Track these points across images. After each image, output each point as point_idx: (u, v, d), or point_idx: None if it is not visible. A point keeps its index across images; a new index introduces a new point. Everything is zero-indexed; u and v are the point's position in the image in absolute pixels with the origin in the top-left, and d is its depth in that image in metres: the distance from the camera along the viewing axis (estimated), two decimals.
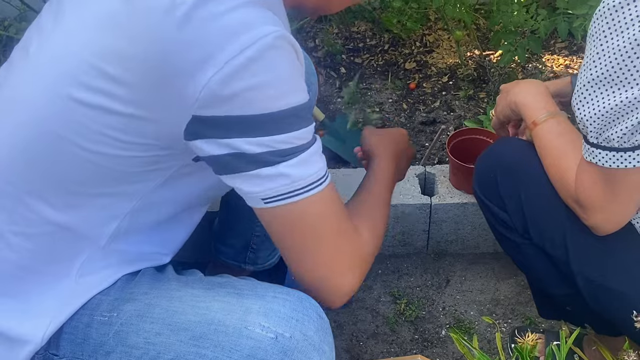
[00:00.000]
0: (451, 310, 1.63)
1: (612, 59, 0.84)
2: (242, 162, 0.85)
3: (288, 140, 0.84)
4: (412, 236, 1.71)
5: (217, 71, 0.78)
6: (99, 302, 0.96)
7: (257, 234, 1.47)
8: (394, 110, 2.05)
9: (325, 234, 0.92)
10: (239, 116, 0.82)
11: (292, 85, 0.85)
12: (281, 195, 0.87)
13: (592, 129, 0.91)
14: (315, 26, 2.35)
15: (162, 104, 0.83)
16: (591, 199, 0.99)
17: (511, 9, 1.89)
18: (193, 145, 0.86)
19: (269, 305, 0.92)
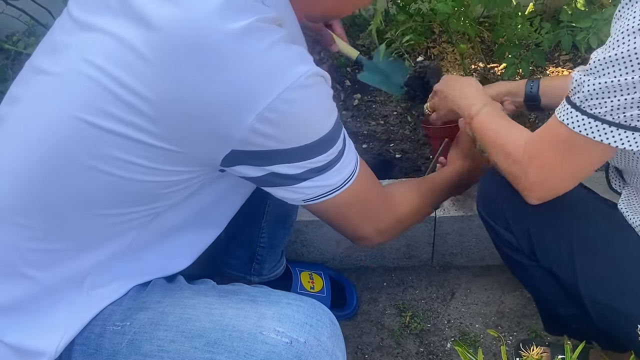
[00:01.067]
0: (456, 323, 1.63)
1: (632, 39, 0.82)
2: (281, 179, 0.92)
3: (323, 159, 0.92)
4: (417, 249, 1.71)
5: (256, 115, 0.82)
6: (111, 312, 0.97)
7: (262, 245, 1.47)
8: (399, 122, 2.05)
9: (359, 210, 1.05)
10: (278, 150, 0.87)
11: (325, 114, 0.90)
12: (319, 196, 0.97)
13: (586, 92, 0.89)
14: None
15: (197, 142, 0.86)
16: (539, 158, 1.00)
17: (515, 22, 1.89)
18: (231, 169, 0.91)
19: (283, 311, 0.94)
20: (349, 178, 0.98)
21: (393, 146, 1.97)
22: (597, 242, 1.09)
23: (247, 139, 0.84)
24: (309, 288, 1.63)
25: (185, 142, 0.85)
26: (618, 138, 0.88)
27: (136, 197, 0.92)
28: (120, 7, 0.85)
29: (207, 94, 0.81)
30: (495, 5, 1.83)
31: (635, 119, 0.86)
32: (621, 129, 0.87)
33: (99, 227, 0.94)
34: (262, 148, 0.86)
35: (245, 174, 0.92)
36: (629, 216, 1.09)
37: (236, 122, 0.82)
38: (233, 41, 0.80)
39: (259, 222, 1.43)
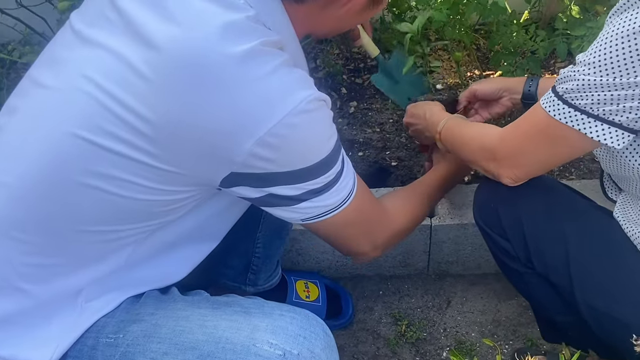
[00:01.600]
0: (452, 331, 1.62)
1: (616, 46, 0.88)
2: (279, 200, 0.93)
3: (321, 181, 0.93)
4: (413, 257, 1.71)
5: (257, 139, 0.82)
6: (104, 325, 0.97)
7: (257, 255, 1.47)
8: (395, 130, 2.05)
9: (356, 228, 1.06)
10: (277, 172, 0.88)
11: (325, 138, 0.91)
12: (317, 215, 0.98)
13: (570, 85, 0.94)
14: (316, 47, 2.36)
15: (196, 164, 0.86)
16: (514, 147, 1.06)
17: (510, 30, 1.90)
18: (230, 190, 0.91)
19: (276, 322, 0.94)
20: (346, 198, 0.99)
21: (389, 154, 1.97)
22: (593, 249, 1.09)
23: (246, 162, 0.85)
24: (304, 297, 1.63)
25: (184, 163, 0.85)
26: (594, 129, 0.94)
27: (133, 215, 0.92)
28: (122, 23, 0.84)
29: (207, 117, 0.81)
30: (490, 13, 1.83)
31: (614, 114, 0.92)
32: (598, 120, 0.93)
33: (95, 243, 0.93)
34: (262, 171, 0.87)
35: (244, 195, 0.92)
36: (625, 225, 1.09)
37: (236, 146, 0.83)
38: (235, 64, 0.80)
39: (254, 233, 1.43)
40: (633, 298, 1.04)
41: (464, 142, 1.21)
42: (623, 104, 0.90)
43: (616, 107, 0.91)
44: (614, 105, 0.91)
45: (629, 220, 1.08)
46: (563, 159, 1.08)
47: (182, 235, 1.02)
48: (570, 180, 1.83)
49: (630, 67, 0.87)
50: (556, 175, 1.88)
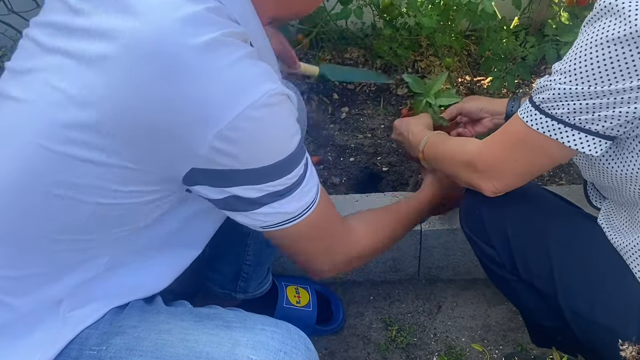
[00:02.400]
0: (442, 336, 1.63)
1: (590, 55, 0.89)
2: (240, 203, 0.90)
3: (283, 182, 0.90)
4: (403, 262, 1.71)
5: (217, 132, 0.79)
6: (88, 336, 0.96)
7: (248, 263, 1.46)
8: (386, 135, 2.06)
9: (317, 243, 1.03)
10: (238, 170, 0.85)
11: (288, 135, 0.88)
12: (278, 224, 0.94)
13: (546, 95, 0.95)
14: (308, 53, 2.37)
15: (158, 159, 0.84)
16: (493, 158, 1.07)
17: (500, 36, 1.91)
18: (192, 188, 0.89)
19: (257, 337, 0.94)
20: (308, 207, 0.96)
21: (380, 159, 1.97)
22: (576, 256, 1.10)
23: (206, 156, 0.82)
24: (295, 302, 1.63)
25: (146, 159, 0.84)
26: (572, 138, 0.95)
27: (103, 221, 0.90)
28: (82, 25, 0.82)
29: (165, 109, 0.79)
30: (480, 20, 1.84)
31: (590, 122, 0.93)
32: (575, 129, 0.95)
33: (69, 251, 0.93)
34: (222, 167, 0.84)
35: (206, 195, 0.90)
36: (608, 232, 1.09)
37: (196, 139, 0.80)
38: (195, 55, 0.77)
39: (244, 240, 1.42)
40: (616, 304, 1.05)
41: (445, 156, 1.23)
42: (599, 113, 0.91)
43: (592, 116, 0.92)
44: (590, 114, 0.92)
45: (613, 227, 1.09)
46: (542, 169, 1.08)
47: (159, 241, 1.01)
48: (560, 185, 1.84)
49: (604, 76, 0.88)
50: (546, 180, 1.89)
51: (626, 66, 0.86)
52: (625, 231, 1.06)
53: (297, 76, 1.52)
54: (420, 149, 1.33)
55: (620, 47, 0.86)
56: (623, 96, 0.88)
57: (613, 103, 0.90)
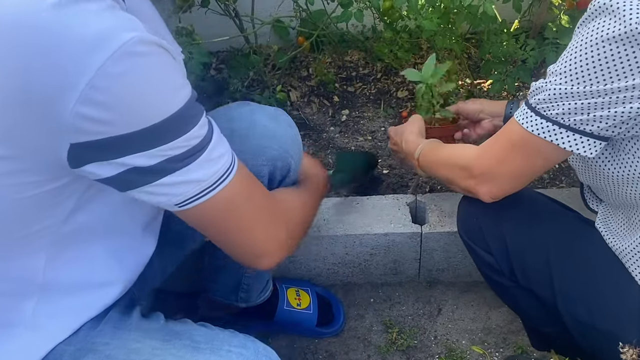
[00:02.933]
0: (443, 339, 1.63)
1: (586, 55, 0.90)
2: (140, 175, 0.80)
3: (181, 144, 0.80)
4: (404, 265, 1.71)
5: (79, 96, 0.71)
6: (62, 353, 0.95)
7: (248, 275, 1.46)
8: (386, 138, 2.06)
9: (245, 218, 0.93)
10: (120, 135, 0.75)
11: (170, 88, 0.79)
12: (192, 197, 0.85)
13: (542, 96, 0.96)
14: (309, 56, 2.38)
15: (29, 139, 0.75)
16: (490, 162, 1.08)
17: (501, 39, 1.91)
18: (83, 171, 0.79)
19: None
20: (224, 175, 0.87)
21: (381, 162, 1.97)
22: (575, 260, 1.10)
23: (76, 126, 0.72)
24: (295, 305, 1.63)
25: (18, 143, 0.75)
26: (566, 140, 0.96)
27: (22, 216, 0.85)
28: None
29: (17, 77, 0.70)
30: (480, 23, 1.84)
31: (584, 123, 0.93)
32: (570, 131, 0.95)
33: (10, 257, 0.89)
34: (100, 136, 0.74)
35: (99, 175, 0.80)
36: (606, 236, 1.10)
37: (57, 108, 0.71)
38: (45, 16, 0.70)
39: None
40: (615, 308, 1.05)
41: (441, 163, 1.23)
42: (593, 114, 0.92)
43: (586, 117, 0.92)
44: (585, 114, 0.92)
45: (610, 231, 1.09)
46: (538, 171, 1.09)
47: (94, 231, 0.95)
48: (560, 188, 1.84)
49: (600, 75, 0.89)
50: (547, 183, 1.89)
51: (621, 65, 0.87)
52: (623, 234, 1.07)
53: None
54: (416, 157, 1.33)
55: (615, 47, 0.86)
56: (618, 95, 0.88)
57: (608, 103, 0.90)
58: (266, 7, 2.20)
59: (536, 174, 1.10)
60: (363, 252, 1.67)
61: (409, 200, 1.71)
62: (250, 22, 2.09)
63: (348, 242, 1.64)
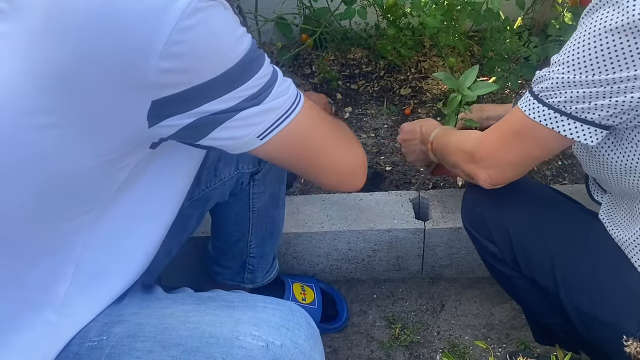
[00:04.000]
0: (446, 335, 1.63)
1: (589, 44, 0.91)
2: (217, 116, 0.85)
3: (253, 84, 0.86)
4: (407, 261, 1.72)
5: (160, 52, 0.76)
6: (88, 330, 0.96)
7: (252, 255, 1.48)
8: (389, 135, 2.07)
9: (325, 138, 0.98)
10: (198, 85, 0.81)
11: (235, 36, 0.84)
12: (272, 125, 0.89)
13: (545, 84, 0.97)
14: (312, 53, 2.38)
15: (113, 103, 0.80)
16: (491, 147, 1.09)
17: (504, 36, 1.92)
18: (160, 127, 0.84)
19: (259, 315, 0.94)
20: (296, 100, 0.92)
21: (384, 159, 1.98)
22: (577, 251, 1.11)
23: (159, 81, 0.79)
24: (300, 299, 1.63)
25: (103, 108, 0.80)
26: (567, 127, 0.97)
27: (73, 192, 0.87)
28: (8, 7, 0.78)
29: (101, 52, 0.76)
30: (483, 20, 1.85)
31: (586, 112, 0.94)
32: (571, 119, 0.96)
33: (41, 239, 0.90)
34: (182, 88, 0.81)
35: (177, 127, 0.85)
36: (609, 227, 1.10)
37: (141, 67, 0.77)
38: None
39: (245, 236, 1.44)
40: (618, 300, 1.06)
41: (448, 147, 1.24)
42: (595, 102, 0.93)
43: (587, 105, 0.94)
44: (586, 103, 0.93)
45: (614, 222, 1.10)
46: (537, 159, 1.09)
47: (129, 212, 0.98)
48: (563, 185, 1.84)
49: (602, 65, 0.90)
50: (549, 180, 1.90)
51: (623, 56, 0.88)
52: (625, 225, 1.07)
53: None
54: (430, 140, 1.34)
55: (618, 37, 0.87)
56: (620, 85, 0.89)
57: (610, 92, 0.91)
58: (270, 4, 2.21)
59: (536, 161, 1.11)
60: (366, 248, 1.68)
61: (412, 197, 1.71)
62: (253, 19, 2.09)
63: (351, 238, 1.65)
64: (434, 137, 1.34)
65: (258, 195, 1.38)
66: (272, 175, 1.39)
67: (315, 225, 1.65)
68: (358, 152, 1.04)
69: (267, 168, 1.36)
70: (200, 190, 1.27)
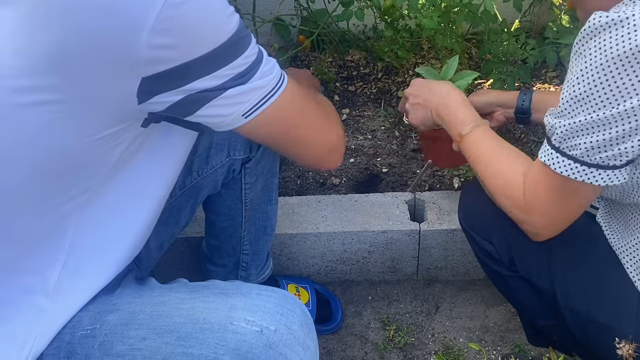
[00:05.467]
0: (440, 337, 1.63)
1: (595, 77, 0.85)
2: (207, 93, 0.87)
3: (240, 63, 0.87)
4: (402, 262, 1.72)
5: (150, 28, 0.77)
6: (80, 319, 0.96)
7: (246, 252, 1.48)
8: (386, 137, 2.07)
9: (309, 116, 1.01)
10: (187, 62, 0.82)
11: (223, 14, 0.86)
12: (257, 103, 0.91)
13: (560, 132, 0.92)
14: (310, 54, 2.38)
15: (103, 80, 0.81)
16: (539, 202, 1.01)
17: (501, 39, 1.92)
18: (149, 104, 0.86)
19: (253, 301, 0.95)
20: (280, 79, 0.94)
21: (380, 160, 1.98)
22: (575, 252, 1.10)
23: (150, 58, 0.79)
24: None
25: (94, 85, 0.81)
26: (599, 177, 0.91)
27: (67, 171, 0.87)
28: None
29: (91, 30, 0.77)
30: (480, 22, 1.85)
31: (612, 159, 0.89)
32: (600, 169, 0.90)
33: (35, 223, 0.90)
34: (171, 64, 0.81)
35: (167, 104, 0.86)
36: (606, 231, 1.10)
37: (132, 44, 0.78)
38: None
39: (238, 231, 1.44)
40: (613, 302, 1.05)
41: (487, 172, 1.11)
42: (618, 147, 0.87)
43: (612, 153, 0.88)
44: (609, 150, 0.88)
45: (610, 227, 1.09)
46: (584, 206, 1.01)
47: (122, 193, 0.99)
48: None
49: (611, 97, 0.84)
50: None
51: (630, 82, 0.83)
52: (620, 232, 1.07)
53: None
54: (463, 133, 1.17)
55: (621, 65, 0.82)
56: (636, 118, 0.84)
57: (629, 130, 0.85)
58: (267, 5, 2.21)
59: (585, 207, 1.02)
60: (361, 250, 1.67)
61: (407, 198, 1.71)
62: (251, 20, 2.09)
63: (346, 239, 1.64)
64: (469, 132, 1.16)
65: (250, 185, 1.38)
66: (264, 165, 1.39)
67: (310, 226, 1.64)
68: (337, 132, 1.07)
69: (259, 156, 1.35)
70: (192, 179, 1.27)
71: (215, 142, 1.28)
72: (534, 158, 1.03)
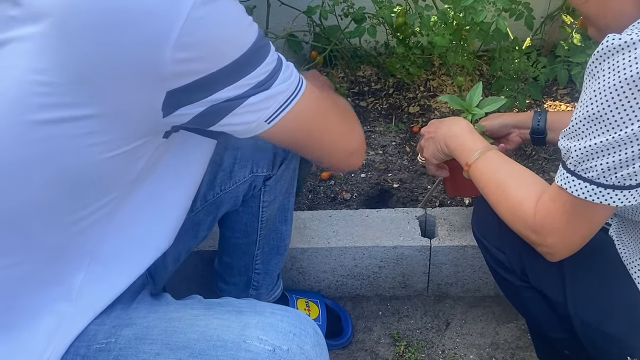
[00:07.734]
0: (450, 353, 1.63)
1: (609, 98, 0.86)
2: (230, 103, 0.88)
3: (261, 71, 0.89)
4: (413, 278, 1.72)
5: (174, 44, 0.79)
6: (96, 333, 0.97)
7: (257, 271, 1.48)
8: (397, 152, 2.08)
9: (330, 117, 1.03)
10: (210, 74, 0.84)
11: (244, 25, 0.87)
12: (279, 108, 0.93)
13: (575, 156, 0.92)
14: (322, 70, 2.40)
15: (130, 95, 0.82)
16: (553, 225, 1.01)
17: (512, 56, 1.93)
18: (174, 116, 0.87)
19: (267, 320, 0.96)
20: (299, 82, 0.95)
21: (391, 176, 1.99)
22: (587, 264, 1.10)
23: (174, 72, 0.81)
24: None
25: (119, 100, 0.82)
26: (616, 198, 0.91)
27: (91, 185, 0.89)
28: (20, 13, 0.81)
29: (117, 47, 0.78)
30: (492, 40, 1.86)
31: (627, 179, 0.89)
32: (617, 189, 0.90)
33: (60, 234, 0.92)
34: (195, 77, 0.83)
35: (190, 115, 0.88)
36: (618, 246, 1.10)
37: (156, 60, 0.79)
38: None
39: (251, 249, 1.44)
40: (626, 315, 1.05)
41: (498, 196, 1.12)
42: (632, 166, 0.87)
43: (627, 172, 0.88)
44: (624, 170, 0.88)
45: (622, 242, 1.10)
46: (601, 226, 1.01)
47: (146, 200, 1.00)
48: None
49: (625, 116, 0.85)
50: None
51: None
52: (631, 248, 1.07)
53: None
54: (471, 161, 1.18)
55: (635, 85, 0.83)
56: None
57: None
58: (280, 21, 2.23)
59: (596, 231, 1.02)
60: (372, 265, 1.68)
61: (418, 214, 1.72)
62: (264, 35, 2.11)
63: (357, 255, 1.65)
64: (477, 158, 1.17)
65: (268, 203, 1.39)
66: (283, 184, 1.40)
67: (322, 241, 1.65)
68: (357, 133, 1.10)
69: (279, 174, 1.37)
70: (214, 193, 1.28)
71: (240, 157, 1.29)
72: (544, 174, 1.04)
